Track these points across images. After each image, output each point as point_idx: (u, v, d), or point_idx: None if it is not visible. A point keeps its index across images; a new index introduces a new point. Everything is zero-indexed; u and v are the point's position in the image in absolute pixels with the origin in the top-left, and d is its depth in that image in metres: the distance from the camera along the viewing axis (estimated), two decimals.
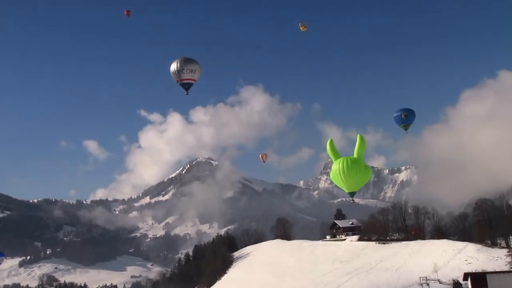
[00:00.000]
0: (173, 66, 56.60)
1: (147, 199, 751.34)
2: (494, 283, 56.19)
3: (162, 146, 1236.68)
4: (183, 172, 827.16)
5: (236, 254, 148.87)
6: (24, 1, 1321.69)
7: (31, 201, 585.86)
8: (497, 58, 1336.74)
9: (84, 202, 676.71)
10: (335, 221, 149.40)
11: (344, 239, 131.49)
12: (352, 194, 42.39)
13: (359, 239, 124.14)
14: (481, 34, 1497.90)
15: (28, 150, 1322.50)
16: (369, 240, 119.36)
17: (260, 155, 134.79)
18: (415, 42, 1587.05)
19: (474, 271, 68.88)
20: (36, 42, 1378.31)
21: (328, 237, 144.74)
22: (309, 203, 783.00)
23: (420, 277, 77.52)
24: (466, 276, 63.05)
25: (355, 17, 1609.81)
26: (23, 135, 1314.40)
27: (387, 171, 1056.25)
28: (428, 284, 75.36)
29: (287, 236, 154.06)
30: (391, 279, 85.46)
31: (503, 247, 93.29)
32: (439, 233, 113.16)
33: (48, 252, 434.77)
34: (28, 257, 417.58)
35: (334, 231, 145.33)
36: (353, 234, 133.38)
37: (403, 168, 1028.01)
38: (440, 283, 76.77)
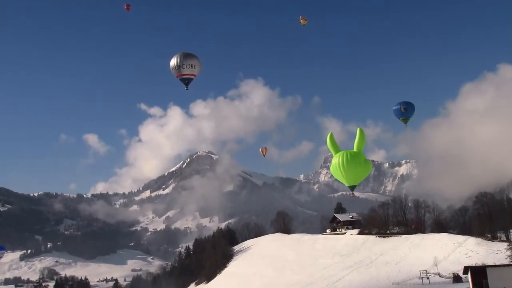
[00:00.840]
0: (173, 61, 56.13)
1: (147, 193, 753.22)
2: (494, 276, 56.05)
3: (162, 140, 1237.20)
4: (183, 166, 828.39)
5: (236, 247, 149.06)
6: None
7: (31, 194, 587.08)
8: (497, 52, 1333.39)
9: (84, 195, 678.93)
10: (335, 215, 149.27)
11: (344, 233, 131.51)
12: (352, 187, 42.38)
13: (359, 233, 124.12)
14: (481, 28, 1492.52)
15: (28, 144, 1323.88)
16: (369, 234, 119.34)
17: (260, 149, 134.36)
18: (415, 36, 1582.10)
19: (474, 265, 68.91)
20: (36, 37, 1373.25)
21: (328, 231, 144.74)
22: (309, 197, 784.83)
23: (420, 271, 77.63)
24: (466, 269, 62.99)
25: (355, 11, 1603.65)
26: (24, 129, 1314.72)
27: (387, 164, 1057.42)
28: (428, 278, 75.47)
29: (287, 230, 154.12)
30: (391, 273, 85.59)
31: (503, 241, 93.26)
32: (439, 226, 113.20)
33: (48, 245, 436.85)
34: (29, 251, 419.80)
35: (334, 225, 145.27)
36: (353, 228, 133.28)
37: (403, 162, 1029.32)
38: (440, 276, 76.87)
